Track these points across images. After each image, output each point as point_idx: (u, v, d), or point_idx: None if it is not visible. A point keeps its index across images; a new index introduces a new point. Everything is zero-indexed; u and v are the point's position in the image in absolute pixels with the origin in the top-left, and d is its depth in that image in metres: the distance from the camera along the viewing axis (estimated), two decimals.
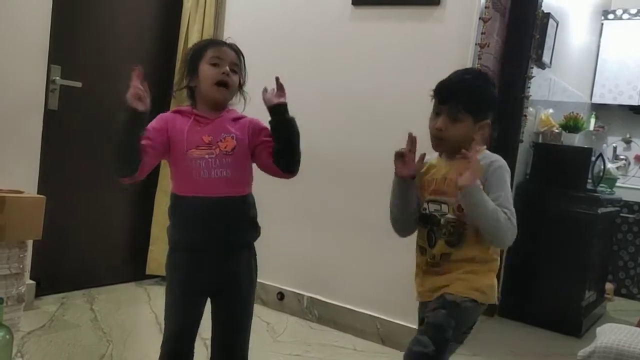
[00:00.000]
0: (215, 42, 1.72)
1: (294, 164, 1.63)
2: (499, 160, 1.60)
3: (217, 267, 1.61)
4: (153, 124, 1.59)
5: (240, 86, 1.71)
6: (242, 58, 1.71)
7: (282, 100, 1.61)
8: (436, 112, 1.60)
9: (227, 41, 1.72)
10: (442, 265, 1.61)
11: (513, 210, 1.54)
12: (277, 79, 1.63)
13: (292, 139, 1.62)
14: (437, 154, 1.70)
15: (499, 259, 1.66)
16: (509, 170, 1.63)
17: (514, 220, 1.54)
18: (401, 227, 1.75)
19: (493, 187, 1.54)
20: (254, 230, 1.71)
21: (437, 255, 1.62)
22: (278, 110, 1.61)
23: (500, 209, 1.51)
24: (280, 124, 1.61)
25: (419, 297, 1.73)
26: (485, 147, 1.65)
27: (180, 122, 1.61)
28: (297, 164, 1.64)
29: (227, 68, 1.62)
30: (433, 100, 1.63)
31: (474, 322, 1.63)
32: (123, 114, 1.47)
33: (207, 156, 1.56)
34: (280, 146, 1.61)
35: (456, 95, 1.57)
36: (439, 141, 1.61)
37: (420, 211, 1.68)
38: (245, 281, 1.69)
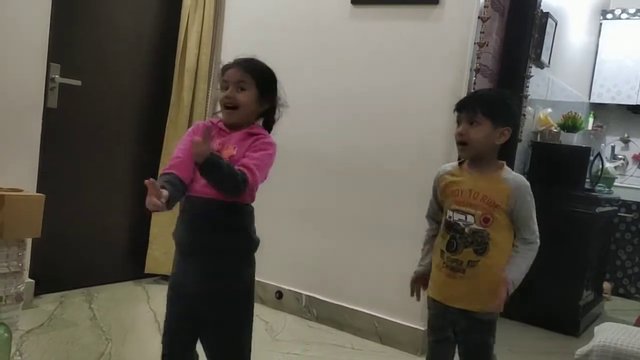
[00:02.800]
0: (225, 67, 1.70)
1: (229, 194, 1.57)
2: (525, 184, 1.78)
3: (200, 269, 1.62)
4: (186, 135, 1.68)
5: (265, 98, 1.68)
6: (253, 72, 1.66)
7: (196, 159, 1.47)
8: (457, 122, 1.71)
9: (240, 57, 1.70)
10: (468, 272, 1.71)
11: (536, 229, 1.76)
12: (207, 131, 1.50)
13: (217, 185, 1.55)
14: (453, 163, 1.81)
15: None
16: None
17: (538, 241, 1.77)
18: None
19: (523, 211, 1.73)
20: (243, 239, 1.68)
21: (464, 262, 1.71)
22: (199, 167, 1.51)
23: (529, 252, 1.76)
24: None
25: (439, 297, 1.81)
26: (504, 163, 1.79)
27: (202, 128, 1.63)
28: (232, 193, 1.56)
29: (228, 91, 1.63)
30: (456, 114, 1.74)
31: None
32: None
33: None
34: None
35: (473, 101, 1.69)
36: (463, 146, 1.70)
37: (446, 218, 1.77)
38: (228, 289, 1.67)
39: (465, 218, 1.70)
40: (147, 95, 3.31)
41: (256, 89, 1.65)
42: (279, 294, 3.17)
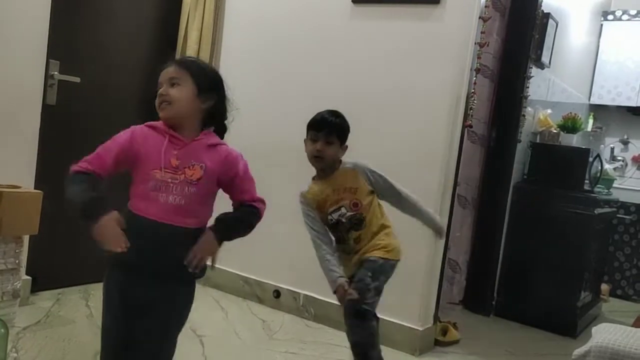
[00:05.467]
0: (161, 69, 1.60)
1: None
2: (362, 162, 2.20)
3: (146, 289, 1.50)
4: (122, 139, 1.52)
5: (205, 96, 1.55)
6: (188, 68, 1.56)
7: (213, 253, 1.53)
8: (312, 139, 2.10)
9: (178, 58, 1.66)
10: (358, 245, 2.13)
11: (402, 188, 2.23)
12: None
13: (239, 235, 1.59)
14: (309, 184, 2.19)
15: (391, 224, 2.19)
16: None
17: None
18: None
19: (381, 181, 2.18)
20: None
21: (352, 242, 2.13)
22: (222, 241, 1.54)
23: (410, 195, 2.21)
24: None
25: (349, 275, 2.13)
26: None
27: (155, 139, 1.51)
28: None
29: (162, 89, 1.53)
30: (308, 132, 2.14)
31: (388, 277, 2.14)
32: (81, 216, 1.45)
33: (170, 180, 1.47)
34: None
35: (328, 125, 2.11)
36: (318, 159, 2.10)
37: (328, 223, 2.14)
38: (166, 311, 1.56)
39: (340, 210, 2.11)
40: (146, 92, 3.29)
41: (193, 85, 1.53)
42: (277, 293, 3.17)
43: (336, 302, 2.14)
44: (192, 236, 1.49)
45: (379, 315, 2.19)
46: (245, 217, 1.59)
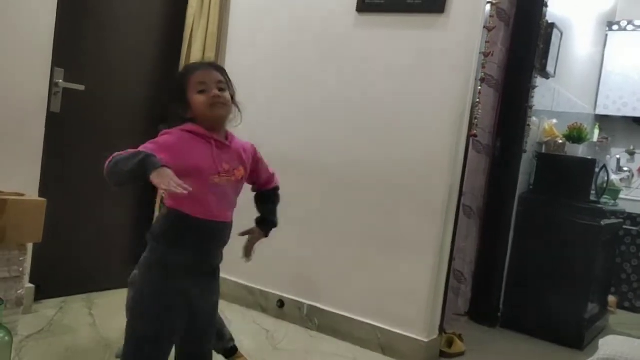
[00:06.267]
0: (192, 68, 1.68)
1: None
2: None
3: (198, 285, 1.64)
4: (162, 144, 1.54)
5: (233, 100, 1.68)
6: (226, 76, 1.68)
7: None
8: None
9: (206, 61, 1.78)
10: None
11: None
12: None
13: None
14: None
15: None
16: None
17: None
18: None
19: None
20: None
21: None
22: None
23: None
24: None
25: None
26: None
27: (200, 145, 1.58)
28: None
29: (216, 90, 1.60)
30: None
31: None
32: (138, 169, 1.40)
33: (225, 183, 1.61)
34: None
35: None
36: None
37: None
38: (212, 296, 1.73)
39: None
40: (150, 100, 3.31)
41: (230, 93, 1.67)
42: (281, 303, 3.15)
43: (341, 313, 2.11)
44: (231, 228, 1.68)
45: (382, 326, 2.17)
46: (277, 204, 1.86)
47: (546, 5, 3.54)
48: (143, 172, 1.38)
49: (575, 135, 3.94)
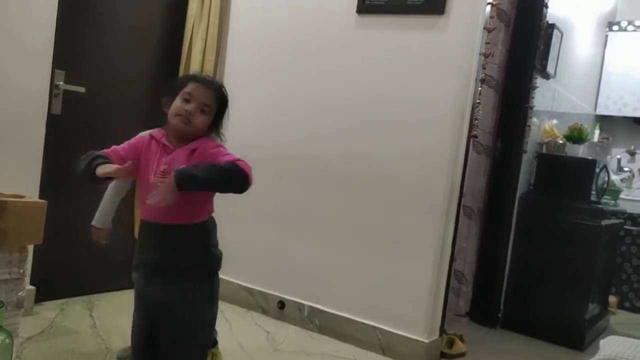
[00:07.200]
0: (195, 78, 1.70)
1: (238, 191, 1.63)
2: None
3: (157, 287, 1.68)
4: (130, 142, 1.70)
5: (213, 129, 1.70)
6: (218, 99, 1.69)
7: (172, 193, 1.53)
8: None
9: (209, 78, 1.75)
10: None
11: None
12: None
13: (217, 187, 1.65)
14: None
15: None
16: None
17: None
18: None
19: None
20: (201, 256, 1.70)
21: None
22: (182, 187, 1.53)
23: None
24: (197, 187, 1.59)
25: None
26: None
27: (153, 148, 1.67)
28: (240, 189, 1.62)
29: (191, 106, 1.63)
30: None
31: None
32: (87, 167, 1.60)
33: (159, 184, 1.58)
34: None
35: None
36: None
37: None
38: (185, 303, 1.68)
39: None
40: (151, 102, 3.30)
41: (212, 115, 1.69)
42: (281, 304, 3.15)
43: (341, 314, 2.11)
44: (190, 232, 1.65)
45: (382, 327, 2.16)
46: (215, 169, 1.58)
47: (546, 6, 3.54)
48: (91, 172, 1.57)
49: (576, 136, 3.94)
